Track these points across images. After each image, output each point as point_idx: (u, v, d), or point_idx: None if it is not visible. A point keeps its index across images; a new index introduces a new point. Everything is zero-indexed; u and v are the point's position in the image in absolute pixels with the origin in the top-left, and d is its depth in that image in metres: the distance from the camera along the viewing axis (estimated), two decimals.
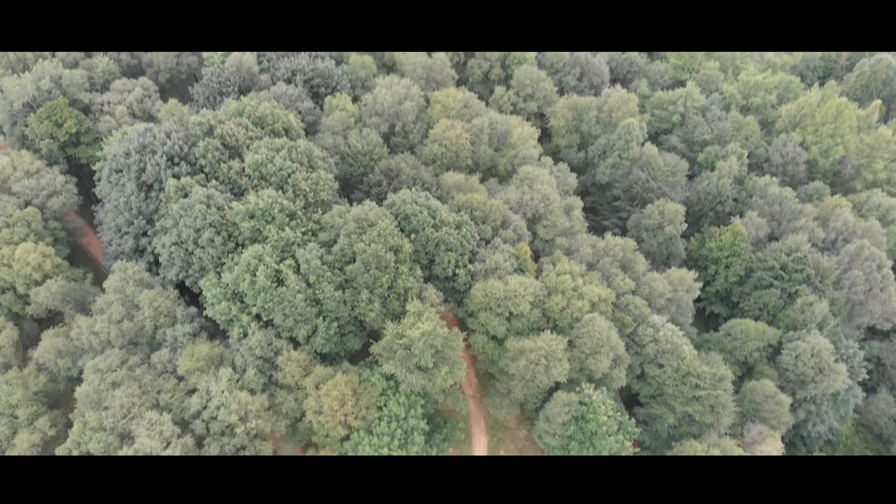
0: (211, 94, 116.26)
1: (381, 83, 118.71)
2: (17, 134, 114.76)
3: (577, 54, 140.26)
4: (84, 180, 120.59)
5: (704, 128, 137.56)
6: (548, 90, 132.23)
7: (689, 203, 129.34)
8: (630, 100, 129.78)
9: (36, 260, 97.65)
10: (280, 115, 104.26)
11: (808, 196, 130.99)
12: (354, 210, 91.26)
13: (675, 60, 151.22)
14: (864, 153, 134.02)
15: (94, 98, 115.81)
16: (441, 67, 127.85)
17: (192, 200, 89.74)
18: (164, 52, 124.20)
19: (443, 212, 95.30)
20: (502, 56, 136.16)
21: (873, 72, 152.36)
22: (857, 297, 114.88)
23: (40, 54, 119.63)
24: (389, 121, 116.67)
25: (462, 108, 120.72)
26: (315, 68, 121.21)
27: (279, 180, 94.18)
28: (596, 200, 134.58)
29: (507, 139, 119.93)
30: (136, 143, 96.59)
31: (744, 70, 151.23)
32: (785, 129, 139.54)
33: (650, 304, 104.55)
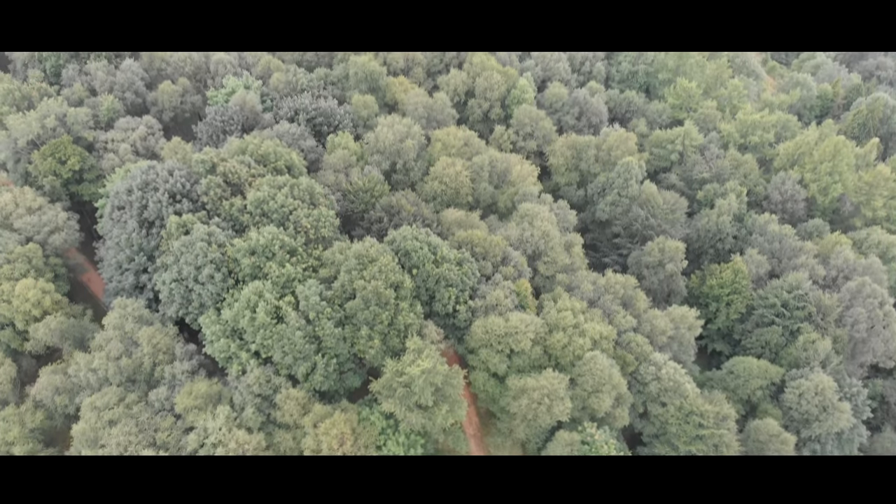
0: (214, 132, 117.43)
1: (382, 122, 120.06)
2: (20, 171, 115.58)
3: (575, 94, 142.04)
4: (86, 217, 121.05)
5: (703, 166, 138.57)
6: (547, 129, 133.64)
7: (689, 240, 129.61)
8: (629, 139, 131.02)
9: (36, 296, 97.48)
10: (282, 152, 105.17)
11: (808, 233, 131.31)
12: (355, 246, 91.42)
13: (672, 100, 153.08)
14: (863, 191, 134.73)
15: (98, 136, 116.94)
16: (442, 107, 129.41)
17: (193, 237, 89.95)
18: (168, 91, 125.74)
19: (443, 248, 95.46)
20: (502, 96, 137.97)
21: (870, 110, 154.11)
22: (860, 334, 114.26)
23: (45, 92, 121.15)
24: (391, 159, 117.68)
25: (462, 146, 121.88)
26: (318, 107, 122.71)
27: (281, 217, 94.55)
28: (596, 237, 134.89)
29: (507, 177, 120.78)
30: (138, 180, 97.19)
31: (741, 109, 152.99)
32: (783, 167, 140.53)
33: (652, 342, 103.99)
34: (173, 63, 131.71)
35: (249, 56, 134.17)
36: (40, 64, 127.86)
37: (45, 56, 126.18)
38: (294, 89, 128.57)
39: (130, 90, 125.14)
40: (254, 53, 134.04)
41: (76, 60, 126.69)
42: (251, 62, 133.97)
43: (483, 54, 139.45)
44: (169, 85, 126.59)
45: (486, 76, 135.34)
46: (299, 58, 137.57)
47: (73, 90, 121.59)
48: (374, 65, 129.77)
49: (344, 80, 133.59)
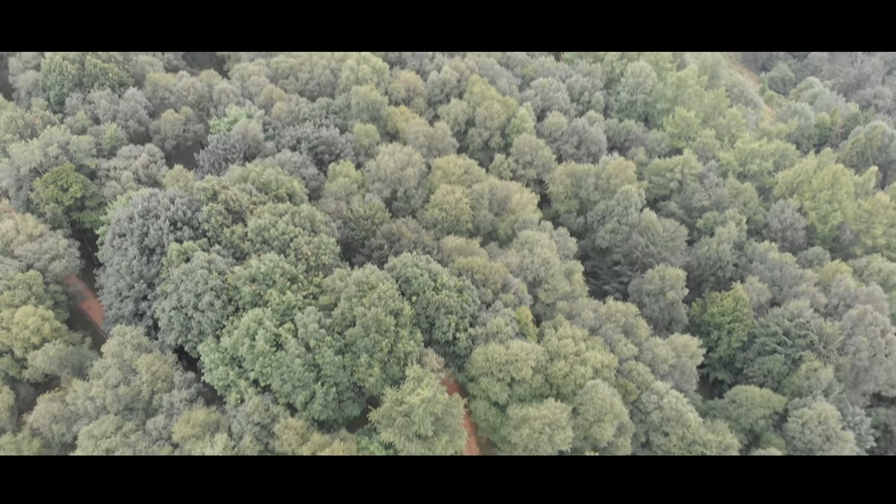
0: (216, 160, 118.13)
1: (383, 150, 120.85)
2: (22, 198, 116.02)
3: (574, 124, 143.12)
4: (87, 244, 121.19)
5: (702, 194, 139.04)
6: (546, 157, 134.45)
7: (689, 268, 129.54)
8: (628, 167, 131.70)
9: (35, 323, 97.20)
10: (284, 180, 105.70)
11: (809, 261, 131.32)
12: (355, 273, 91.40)
13: (671, 129, 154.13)
14: (863, 219, 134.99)
15: (101, 163, 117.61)
16: (442, 136, 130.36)
17: (193, 265, 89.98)
18: (171, 120, 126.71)
19: (443, 275, 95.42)
20: (502, 125, 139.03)
21: (868, 138, 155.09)
22: (862, 363, 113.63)
23: (49, 120, 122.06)
24: (391, 186, 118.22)
25: (463, 173, 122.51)
26: (320, 136, 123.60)
27: (281, 244, 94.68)
28: (596, 265, 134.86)
29: (507, 204, 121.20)
30: (139, 207, 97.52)
31: (740, 138, 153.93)
32: (782, 195, 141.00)
33: (653, 371, 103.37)
34: (176, 92, 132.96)
35: (252, 86, 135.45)
36: (44, 92, 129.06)
37: (49, 84, 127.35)
38: (296, 118, 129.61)
39: (133, 118, 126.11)
40: (256, 83, 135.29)
41: (80, 89, 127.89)
42: (254, 91, 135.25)
43: (483, 84, 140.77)
44: (172, 114, 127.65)
45: (487, 106, 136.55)
46: (302, 87, 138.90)
47: (77, 118, 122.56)
48: (375, 94, 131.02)
49: (346, 109, 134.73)
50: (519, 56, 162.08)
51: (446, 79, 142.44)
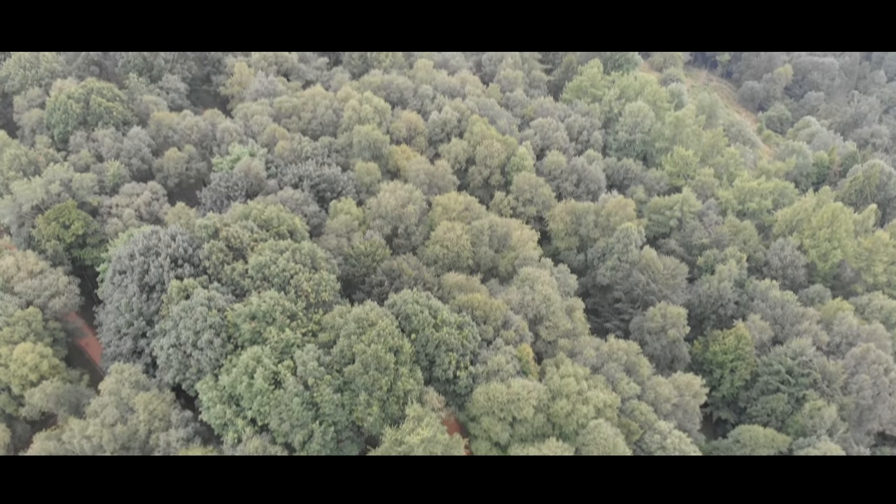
0: (218, 198, 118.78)
1: (384, 188, 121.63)
2: (23, 235, 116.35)
3: (574, 162, 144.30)
4: (87, 281, 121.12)
5: (702, 232, 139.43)
6: (546, 195, 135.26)
7: (690, 306, 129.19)
8: (627, 205, 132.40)
9: (33, 360, 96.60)
10: (285, 217, 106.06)
11: (810, 299, 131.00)
12: (355, 310, 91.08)
13: (669, 168, 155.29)
14: (863, 257, 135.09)
15: (103, 201, 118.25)
16: (443, 173, 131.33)
17: (193, 302, 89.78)
18: (174, 158, 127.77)
19: (444, 312, 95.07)
20: (502, 163, 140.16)
21: (866, 177, 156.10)
22: (866, 401, 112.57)
23: (52, 158, 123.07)
24: (392, 223, 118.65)
25: (463, 210, 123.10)
26: (322, 174, 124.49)
27: (282, 281, 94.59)
28: (597, 302, 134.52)
29: (507, 241, 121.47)
30: (140, 244, 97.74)
31: (738, 176, 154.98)
32: (782, 233, 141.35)
33: (656, 410, 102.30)
34: (180, 130, 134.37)
35: (255, 125, 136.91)
36: (48, 130, 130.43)
37: (53, 122, 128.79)
38: (299, 157, 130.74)
39: (137, 156, 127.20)
40: (259, 122, 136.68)
41: (84, 127, 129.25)
42: (257, 130, 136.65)
43: (483, 123, 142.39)
44: (175, 152, 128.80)
45: (487, 144, 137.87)
46: (304, 126, 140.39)
47: (80, 156, 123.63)
48: (377, 133, 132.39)
49: (348, 148, 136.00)
50: (518, 97, 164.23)
51: (447, 118, 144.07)
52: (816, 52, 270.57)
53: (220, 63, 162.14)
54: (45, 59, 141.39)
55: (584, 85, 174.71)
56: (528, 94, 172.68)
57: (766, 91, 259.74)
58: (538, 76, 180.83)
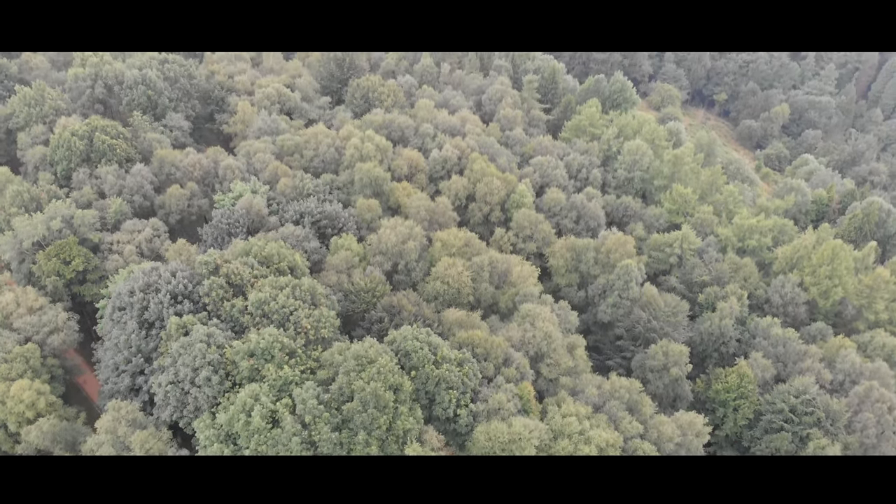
0: (220, 234, 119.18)
1: (385, 224, 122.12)
2: (24, 271, 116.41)
3: (573, 199, 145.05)
4: (86, 318, 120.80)
5: (702, 269, 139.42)
6: (546, 232, 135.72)
7: (692, 343, 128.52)
8: (627, 242, 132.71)
9: (30, 398, 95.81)
10: (286, 254, 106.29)
11: (812, 337, 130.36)
12: (354, 347, 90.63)
13: (669, 205, 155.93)
14: (864, 294, 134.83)
15: (104, 237, 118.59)
16: (443, 210, 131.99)
17: (192, 339, 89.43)
18: (176, 195, 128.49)
19: (444, 349, 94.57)
20: (502, 200, 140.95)
21: (865, 214, 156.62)
22: (870, 440, 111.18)
23: (54, 194, 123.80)
24: (393, 259, 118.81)
25: (463, 246, 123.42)
26: (323, 211, 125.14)
27: (281, 318, 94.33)
28: (598, 339, 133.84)
29: (507, 277, 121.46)
30: (140, 281, 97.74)
31: (737, 214, 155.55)
32: (782, 270, 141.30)
33: (659, 449, 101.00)
34: (183, 167, 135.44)
35: (258, 162, 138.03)
36: (51, 167, 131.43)
37: (56, 159, 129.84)
38: (300, 193, 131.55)
39: (139, 193, 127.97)
40: (262, 160, 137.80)
41: (87, 164, 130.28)
42: (259, 168, 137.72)
43: (483, 161, 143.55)
44: (177, 189, 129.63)
45: (487, 181, 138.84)
46: (306, 164, 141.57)
47: (83, 193, 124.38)
48: (378, 171, 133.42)
49: (349, 185, 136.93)
50: (518, 135, 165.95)
51: (447, 156, 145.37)
52: (813, 91, 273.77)
53: (224, 102, 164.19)
54: (50, 97, 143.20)
55: (582, 124, 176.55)
56: (528, 132, 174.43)
57: (764, 129, 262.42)
58: (537, 115, 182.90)
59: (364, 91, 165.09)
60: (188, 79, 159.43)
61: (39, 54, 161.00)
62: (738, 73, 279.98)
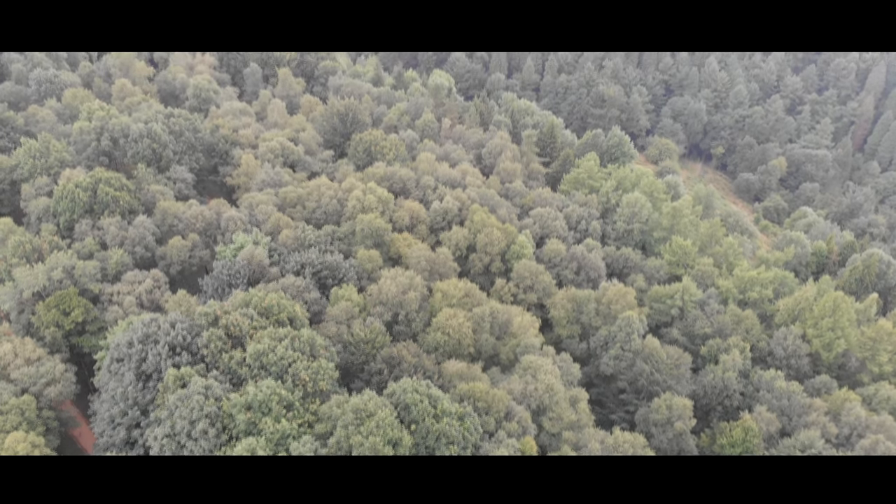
0: (220, 285, 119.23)
1: (386, 274, 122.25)
2: (23, 322, 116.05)
3: (573, 250, 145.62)
4: (84, 369, 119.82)
5: (704, 321, 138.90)
6: (547, 282, 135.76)
7: (695, 397, 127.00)
8: (628, 293, 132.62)
9: (25, 450, 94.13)
10: (286, 305, 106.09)
11: (816, 390, 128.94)
12: (353, 400, 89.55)
13: (669, 257, 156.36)
14: (867, 346, 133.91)
15: (105, 288, 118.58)
16: (444, 260, 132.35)
17: (190, 391, 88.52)
18: (177, 246, 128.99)
19: (444, 401, 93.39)
20: (502, 250, 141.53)
21: (866, 266, 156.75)
22: None
23: (56, 245, 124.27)
24: (393, 310, 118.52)
25: (463, 297, 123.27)
26: (324, 261, 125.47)
27: (279, 370, 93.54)
28: (601, 392, 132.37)
29: (508, 328, 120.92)
30: (139, 332, 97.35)
31: (737, 266, 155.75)
32: (784, 322, 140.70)
33: None
34: (185, 219, 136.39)
35: (260, 214, 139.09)
36: (54, 218, 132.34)
37: (60, 210, 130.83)
38: (302, 244, 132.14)
39: (141, 244, 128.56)
40: (264, 211, 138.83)
41: (90, 216, 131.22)
42: (261, 219, 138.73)
43: (483, 212, 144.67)
44: (179, 240, 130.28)
45: (487, 232, 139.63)
46: (308, 215, 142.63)
47: (85, 244, 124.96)
48: (379, 222, 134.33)
49: (350, 235, 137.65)
50: (517, 187, 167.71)
51: (448, 207, 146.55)
52: (809, 145, 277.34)
53: (228, 155, 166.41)
54: (55, 149, 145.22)
55: (581, 177, 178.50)
56: (527, 184, 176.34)
57: (762, 182, 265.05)
58: (536, 168, 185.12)
59: (366, 145, 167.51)
60: (193, 132, 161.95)
61: (46, 108, 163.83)
62: (735, 127, 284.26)
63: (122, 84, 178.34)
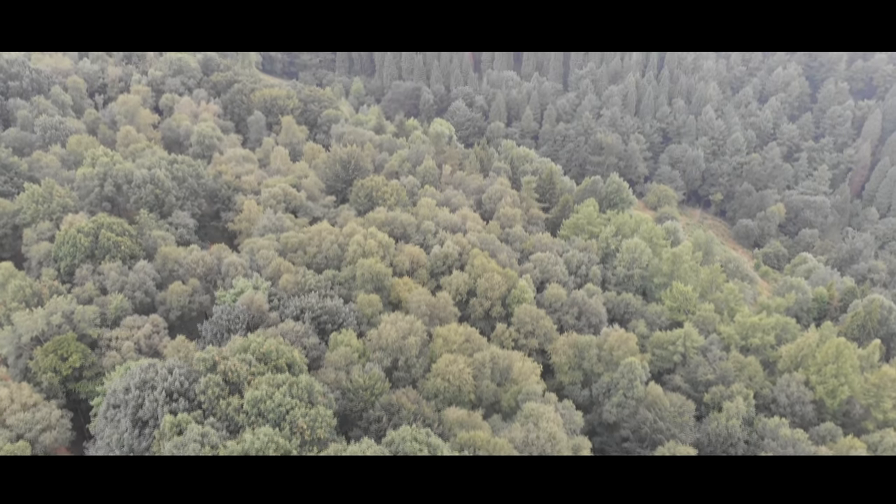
0: (219, 331, 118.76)
1: (385, 319, 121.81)
2: (20, 367, 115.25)
3: (574, 295, 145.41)
4: (80, 415, 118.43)
5: (707, 368, 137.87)
6: (548, 328, 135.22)
7: (699, 445, 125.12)
8: (629, 339, 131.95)
9: None
10: (284, 350, 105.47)
11: (822, 437, 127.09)
12: (350, 449, 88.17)
13: (669, 303, 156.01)
14: (871, 392, 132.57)
15: (103, 333, 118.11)
16: (444, 305, 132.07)
17: (186, 438, 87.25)
18: (177, 291, 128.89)
19: (444, 451, 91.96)
20: (502, 295, 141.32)
21: (867, 312, 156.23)
22: None
23: (56, 290, 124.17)
24: (393, 355, 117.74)
25: (464, 342, 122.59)
26: (324, 306, 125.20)
27: (277, 417, 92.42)
28: (605, 441, 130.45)
29: (509, 374, 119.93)
30: (136, 378, 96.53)
31: (739, 312, 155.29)
32: (787, 369, 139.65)
33: None
34: (186, 264, 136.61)
35: (261, 259, 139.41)
36: (55, 263, 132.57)
37: (61, 255, 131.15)
38: (302, 289, 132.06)
39: (141, 290, 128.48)
40: (265, 257, 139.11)
41: (91, 261, 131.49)
42: (262, 264, 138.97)
43: (484, 257, 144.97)
44: (179, 285, 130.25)
45: (487, 277, 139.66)
46: (309, 260, 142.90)
47: (85, 289, 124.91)
48: (380, 266, 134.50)
49: (351, 280, 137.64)
50: (517, 232, 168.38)
51: (448, 252, 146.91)
52: (807, 192, 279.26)
53: (231, 200, 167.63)
54: (58, 194, 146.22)
55: (580, 222, 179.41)
56: (527, 229, 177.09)
57: (761, 228, 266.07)
58: (536, 214, 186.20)
59: (368, 190, 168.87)
60: (196, 178, 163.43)
61: (51, 153, 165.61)
62: (733, 174, 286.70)
63: (127, 131, 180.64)
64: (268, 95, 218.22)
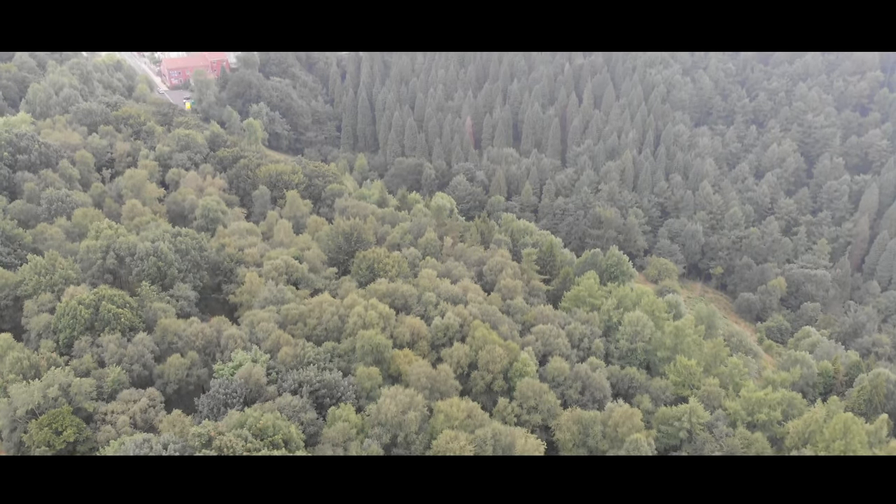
0: (216, 405, 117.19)
1: (385, 393, 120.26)
2: (14, 440, 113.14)
3: (577, 369, 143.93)
4: None
5: (714, 444, 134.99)
6: (551, 402, 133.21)
7: None
8: (634, 414, 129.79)
9: None
10: (281, 426, 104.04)
11: None
12: None
13: (674, 377, 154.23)
14: None
15: (99, 407, 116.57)
16: (445, 378, 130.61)
17: None
18: (175, 364, 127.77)
19: None
20: (504, 368, 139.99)
21: (873, 386, 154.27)
22: None
23: (54, 362, 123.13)
24: (392, 431, 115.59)
25: (465, 418, 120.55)
26: (322, 379, 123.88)
27: None
28: None
29: (511, 451, 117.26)
30: (130, 454, 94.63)
31: (744, 387, 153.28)
32: (795, 445, 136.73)
33: None
34: (185, 337, 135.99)
35: (260, 331, 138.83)
36: (54, 335, 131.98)
37: (60, 327, 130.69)
38: (301, 362, 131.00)
39: (139, 363, 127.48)
40: (265, 329, 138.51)
41: (90, 333, 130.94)
42: (262, 337, 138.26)
43: (485, 329, 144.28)
44: (177, 358, 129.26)
45: (489, 349, 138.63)
46: (309, 332, 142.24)
47: (83, 361, 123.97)
48: (380, 338, 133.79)
49: (350, 352, 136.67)
50: (518, 304, 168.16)
51: (449, 323, 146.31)
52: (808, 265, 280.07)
53: (233, 273, 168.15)
54: (61, 266, 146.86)
55: (581, 294, 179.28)
56: (528, 301, 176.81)
57: (763, 302, 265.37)
58: (537, 286, 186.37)
59: (369, 262, 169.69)
60: (199, 250, 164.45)
61: (55, 226, 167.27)
62: (732, 247, 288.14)
63: (133, 204, 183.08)
64: (273, 170, 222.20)
